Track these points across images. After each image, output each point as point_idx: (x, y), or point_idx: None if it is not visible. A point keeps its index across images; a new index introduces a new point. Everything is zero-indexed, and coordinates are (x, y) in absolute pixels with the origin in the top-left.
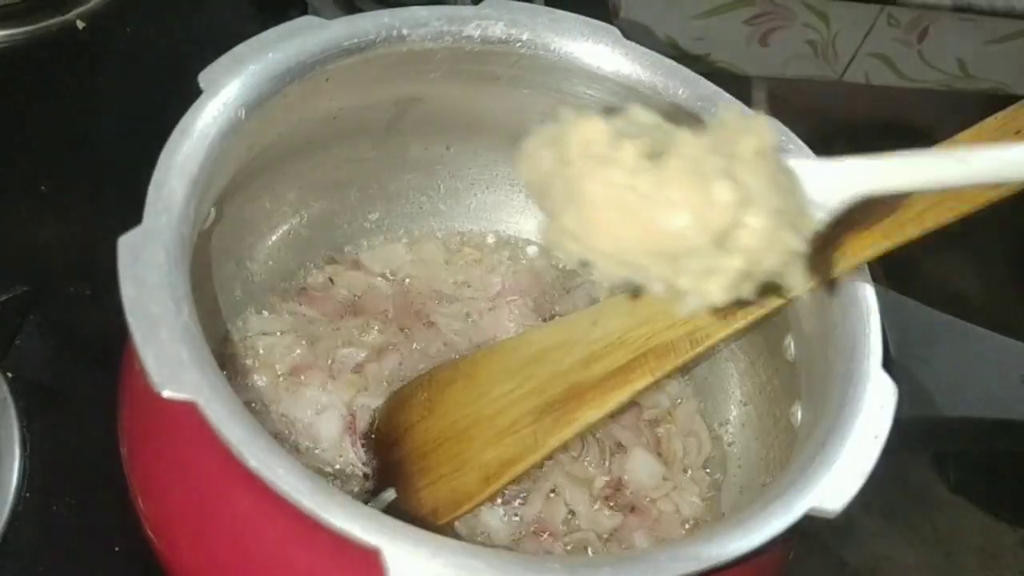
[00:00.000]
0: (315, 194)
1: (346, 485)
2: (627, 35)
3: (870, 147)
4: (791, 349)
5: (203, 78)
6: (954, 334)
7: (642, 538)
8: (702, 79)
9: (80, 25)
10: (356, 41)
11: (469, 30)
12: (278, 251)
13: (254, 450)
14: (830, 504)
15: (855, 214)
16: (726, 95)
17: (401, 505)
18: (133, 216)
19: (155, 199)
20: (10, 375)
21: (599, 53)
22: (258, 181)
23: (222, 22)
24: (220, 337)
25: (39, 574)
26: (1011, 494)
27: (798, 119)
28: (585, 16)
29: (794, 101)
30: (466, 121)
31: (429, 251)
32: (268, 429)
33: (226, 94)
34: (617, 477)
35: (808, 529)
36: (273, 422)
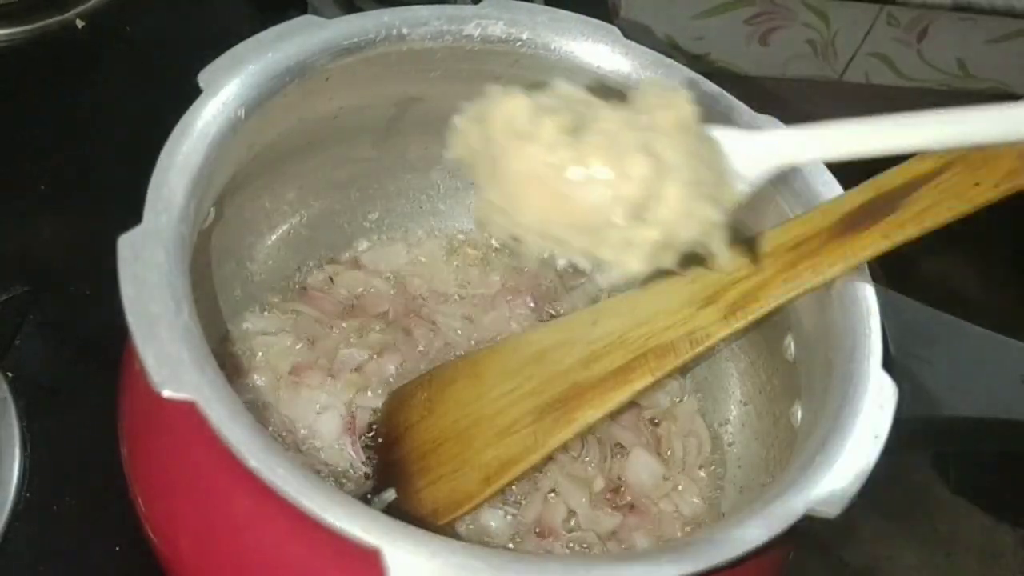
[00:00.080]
0: (315, 194)
1: (346, 485)
2: (627, 35)
3: None
4: (791, 349)
5: (203, 78)
6: (954, 334)
7: (642, 538)
8: (702, 79)
9: (80, 25)
10: (356, 41)
11: (469, 29)
12: (278, 251)
13: (254, 450)
14: (830, 504)
15: (855, 214)
16: (726, 95)
17: (401, 505)
18: (133, 216)
19: (155, 199)
20: (10, 375)
21: (599, 53)
22: (258, 181)
23: (222, 22)
24: (220, 337)
25: (39, 574)
26: (1011, 494)
27: (798, 119)
28: (585, 16)
29: (794, 101)
30: None
31: (429, 251)
32: (268, 429)
33: (226, 94)
34: (617, 477)
35: (808, 529)
36: (273, 422)
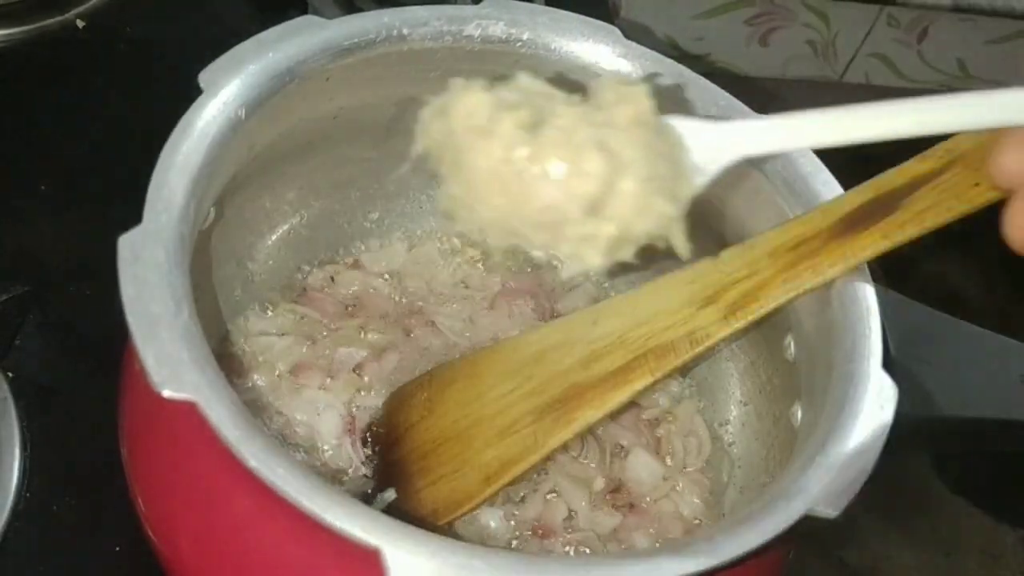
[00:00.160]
0: (315, 194)
1: (346, 485)
2: (627, 35)
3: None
4: (791, 349)
5: (203, 78)
6: (954, 334)
7: (642, 538)
8: (702, 79)
9: (80, 25)
10: (356, 41)
11: (469, 30)
12: (278, 251)
13: (254, 450)
14: (830, 504)
15: (855, 214)
16: (726, 95)
17: (401, 505)
18: (133, 216)
19: (155, 199)
20: (10, 375)
21: (599, 53)
22: (258, 181)
23: (222, 22)
24: (220, 337)
25: (39, 574)
26: (1011, 494)
27: None
28: (585, 16)
29: (794, 102)
30: None
31: (429, 251)
32: (268, 429)
33: (226, 94)
34: (617, 477)
35: (808, 529)
36: (273, 422)
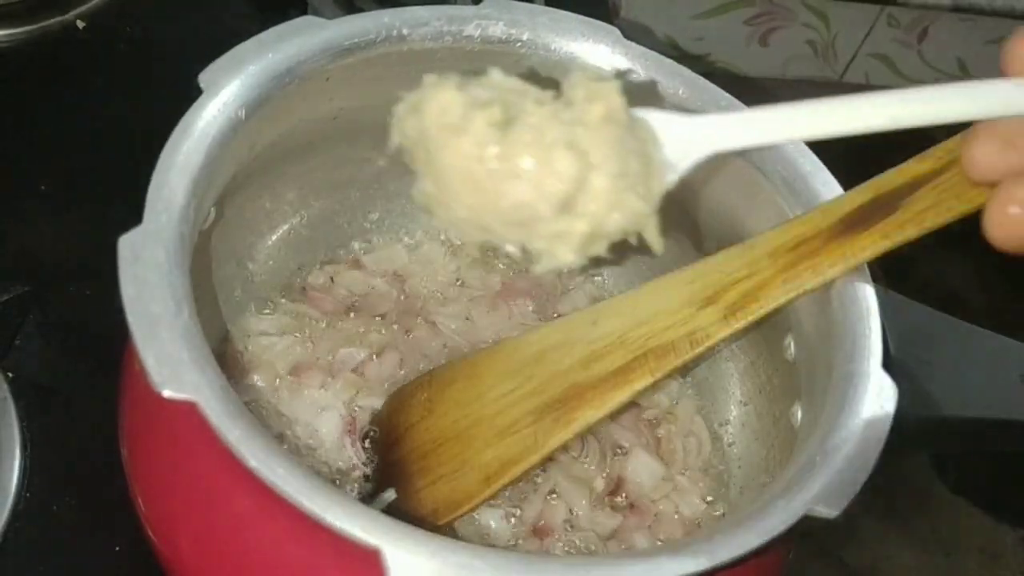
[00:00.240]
0: (315, 194)
1: (346, 485)
2: (627, 35)
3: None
4: (791, 349)
5: (203, 78)
6: (954, 334)
7: (642, 538)
8: (702, 79)
9: (80, 25)
10: (356, 41)
11: (469, 30)
12: (278, 251)
13: (254, 450)
14: (830, 504)
15: (855, 214)
16: (727, 95)
17: (401, 505)
18: (133, 216)
19: (155, 199)
20: (10, 375)
21: (599, 53)
22: (258, 181)
23: (222, 22)
24: (220, 337)
25: (39, 574)
26: (1011, 494)
27: None
28: (585, 16)
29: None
30: None
31: (429, 251)
32: (268, 429)
33: (226, 94)
34: (617, 477)
35: (808, 529)
36: (273, 422)
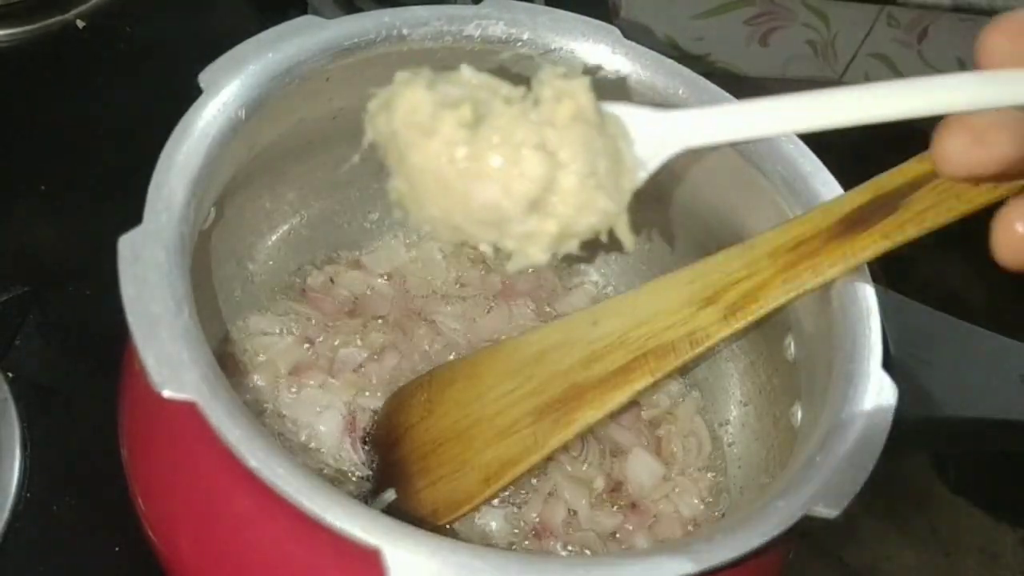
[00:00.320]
0: (315, 194)
1: (346, 485)
2: (627, 35)
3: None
4: (791, 349)
5: (203, 78)
6: (954, 334)
7: (642, 538)
8: (702, 79)
9: (80, 25)
10: (356, 41)
11: (469, 30)
12: (278, 251)
13: (254, 450)
14: (830, 504)
15: (855, 214)
16: (727, 95)
17: (401, 505)
18: (133, 216)
19: (155, 199)
20: (10, 375)
21: (599, 53)
22: (258, 181)
23: (222, 22)
24: (220, 337)
25: (39, 574)
26: (1011, 494)
27: None
28: (585, 16)
29: None
30: None
31: (429, 251)
32: (268, 429)
33: (226, 94)
34: (617, 477)
35: (808, 529)
36: (273, 422)
